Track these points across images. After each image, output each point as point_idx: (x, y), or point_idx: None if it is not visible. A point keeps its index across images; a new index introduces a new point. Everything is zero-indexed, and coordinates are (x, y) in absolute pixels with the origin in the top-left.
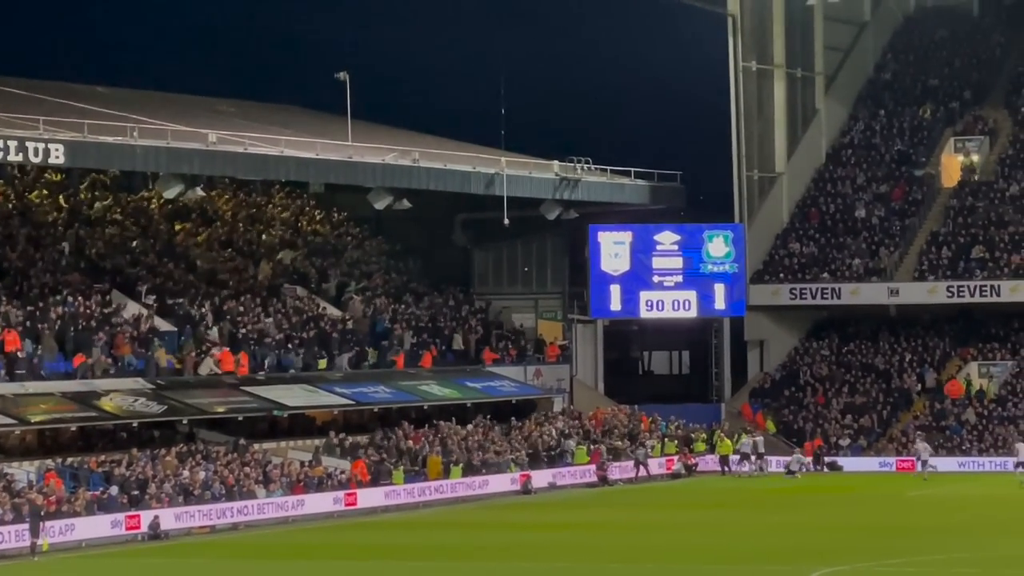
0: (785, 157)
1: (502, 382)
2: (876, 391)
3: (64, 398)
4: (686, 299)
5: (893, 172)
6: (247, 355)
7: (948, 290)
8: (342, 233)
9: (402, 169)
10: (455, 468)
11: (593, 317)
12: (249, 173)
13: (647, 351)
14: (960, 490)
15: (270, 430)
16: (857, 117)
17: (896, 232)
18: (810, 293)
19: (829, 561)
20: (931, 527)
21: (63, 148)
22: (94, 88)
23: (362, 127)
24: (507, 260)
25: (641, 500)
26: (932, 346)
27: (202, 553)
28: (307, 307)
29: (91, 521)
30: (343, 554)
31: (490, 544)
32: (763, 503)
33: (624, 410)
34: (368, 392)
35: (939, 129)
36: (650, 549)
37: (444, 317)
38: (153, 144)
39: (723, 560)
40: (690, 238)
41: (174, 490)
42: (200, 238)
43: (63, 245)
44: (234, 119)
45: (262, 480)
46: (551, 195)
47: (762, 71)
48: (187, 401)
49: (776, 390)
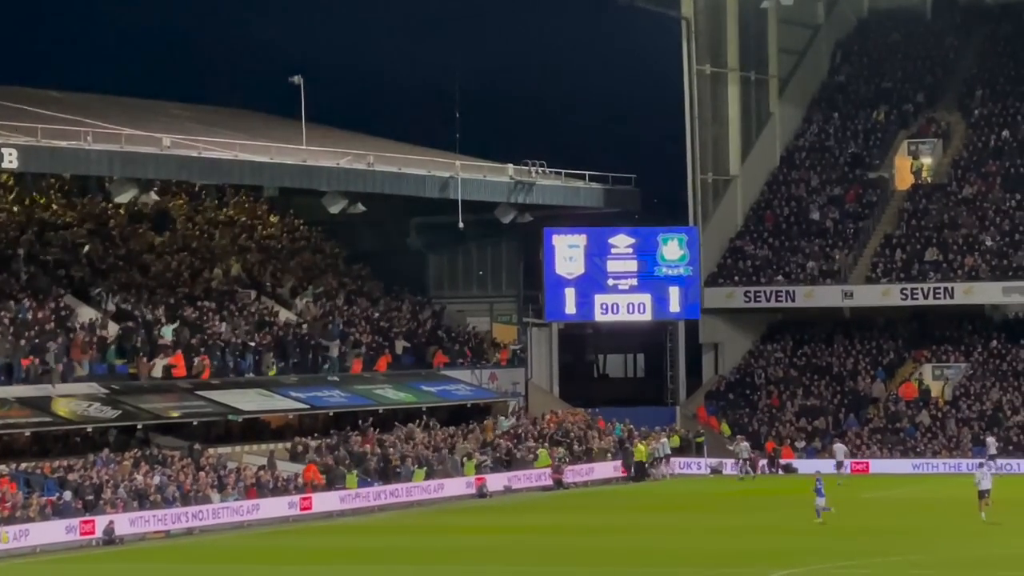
0: (739, 160)
1: (457, 386)
2: (830, 393)
3: (18, 403)
4: (641, 302)
5: (847, 175)
6: (208, 359)
7: (902, 292)
8: (297, 237)
9: (357, 173)
10: (418, 471)
11: (548, 320)
12: (203, 177)
13: (602, 354)
14: (915, 492)
15: (225, 434)
16: (811, 120)
17: (850, 234)
18: (764, 296)
19: (786, 563)
20: (886, 529)
21: (16, 152)
22: (48, 92)
23: (317, 131)
24: (462, 264)
25: (597, 503)
26: (886, 348)
27: (157, 558)
28: (261, 311)
29: (45, 527)
30: (299, 559)
31: (446, 548)
32: (719, 506)
33: (580, 413)
34: (323, 396)
35: (892, 132)
36: (607, 552)
37: (399, 321)
38: (107, 148)
39: (680, 563)
40: (645, 241)
41: (129, 495)
42: (155, 242)
43: (18, 250)
44: (188, 123)
45: (217, 485)
46: (506, 199)
47: (716, 74)
48: (141, 406)
49: (731, 393)
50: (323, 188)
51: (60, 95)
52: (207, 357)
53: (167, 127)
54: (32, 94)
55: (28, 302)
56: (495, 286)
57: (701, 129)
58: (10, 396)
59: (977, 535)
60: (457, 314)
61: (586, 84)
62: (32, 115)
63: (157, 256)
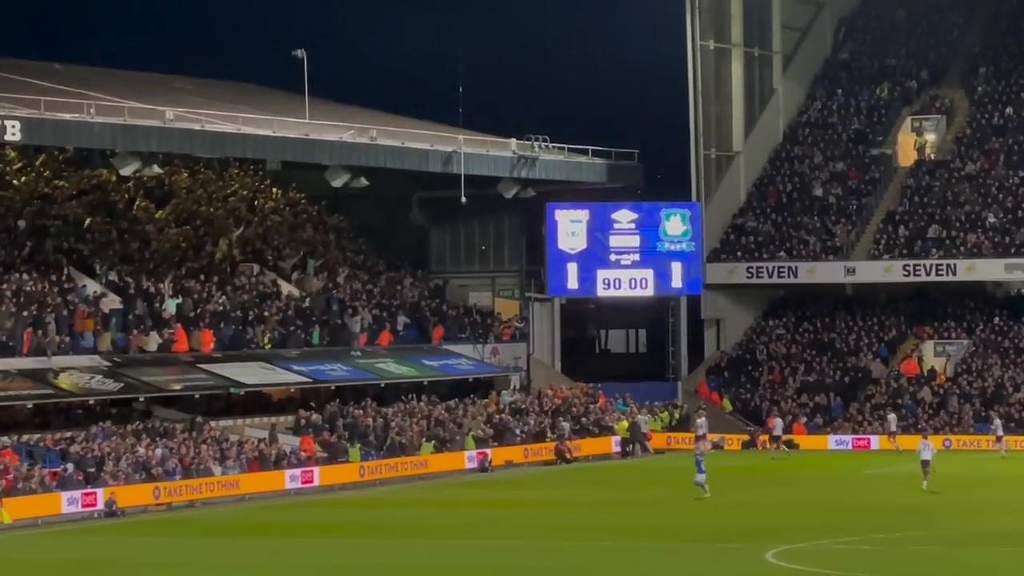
0: (742, 136)
1: (459, 360)
2: (832, 370)
3: (19, 375)
4: (643, 277)
5: (850, 151)
6: (210, 333)
7: (904, 269)
8: (299, 211)
9: (359, 147)
10: (425, 444)
11: (550, 295)
12: (206, 151)
13: (604, 329)
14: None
15: (226, 407)
16: (814, 96)
17: (853, 211)
18: (767, 272)
19: (786, 539)
20: (887, 505)
21: (19, 125)
22: (51, 65)
23: (319, 105)
24: (464, 238)
25: (598, 478)
26: (888, 325)
27: (159, 530)
28: (264, 285)
29: (47, 499)
30: (301, 532)
31: (448, 522)
32: (720, 482)
33: (583, 388)
34: (325, 370)
35: (896, 109)
36: (607, 527)
37: (401, 295)
38: (110, 121)
39: (680, 538)
40: (647, 217)
41: (130, 468)
42: (157, 215)
43: (19, 223)
44: (191, 96)
45: (218, 457)
46: (508, 173)
47: (720, 50)
48: (143, 379)
49: (732, 369)
50: (326, 162)
51: (63, 68)
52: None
53: (170, 100)
54: (35, 67)
55: (30, 275)
56: (497, 261)
57: (704, 105)
58: (12, 368)
59: (978, 512)
60: (459, 289)
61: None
62: (35, 88)
63: (159, 229)
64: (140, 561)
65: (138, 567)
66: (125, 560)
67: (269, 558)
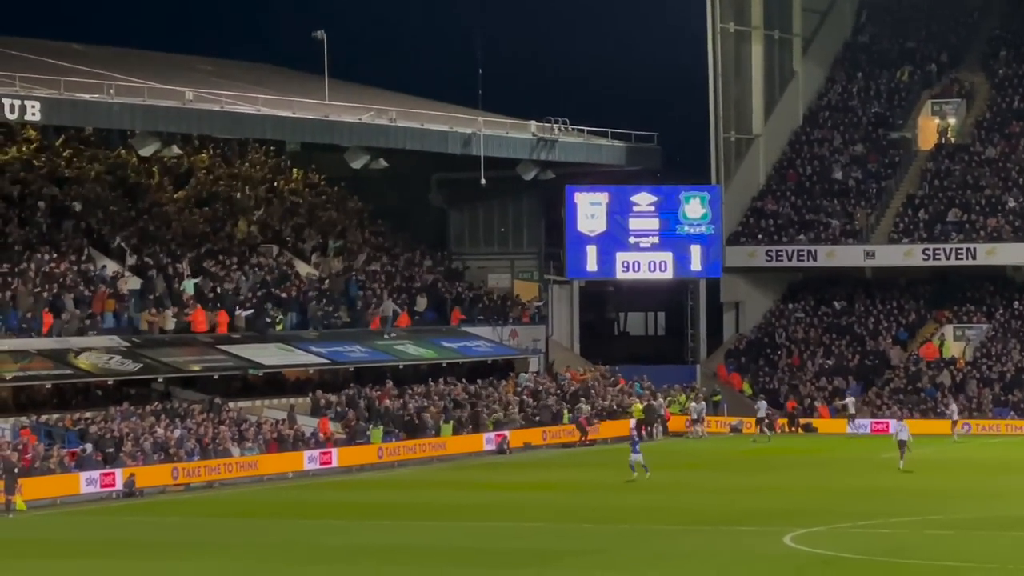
0: (762, 119)
1: (478, 342)
2: (851, 353)
3: (39, 355)
4: (662, 260)
5: (870, 134)
6: (226, 313)
7: (924, 253)
8: (318, 192)
9: (379, 128)
10: (445, 426)
11: (569, 278)
12: (225, 131)
13: (623, 312)
14: (934, 453)
15: (245, 388)
16: (834, 79)
17: (872, 194)
18: (786, 255)
19: (804, 523)
20: (905, 489)
21: (39, 105)
22: (70, 45)
23: (339, 86)
24: (483, 220)
25: (616, 460)
26: (908, 309)
27: (177, 511)
28: (283, 266)
29: (66, 479)
30: (319, 513)
31: (466, 503)
32: (738, 465)
33: (601, 370)
34: (343, 352)
35: (916, 92)
36: (625, 509)
37: (420, 277)
38: (129, 101)
39: (698, 521)
40: (667, 199)
41: (149, 448)
42: (177, 196)
43: (39, 203)
44: (211, 77)
45: (237, 438)
46: (528, 155)
47: (740, 33)
48: (162, 359)
49: (751, 352)
50: (345, 143)
51: (83, 48)
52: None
53: (190, 81)
54: (55, 47)
55: (50, 255)
56: (516, 243)
57: (724, 87)
58: (31, 348)
59: (996, 496)
60: (478, 271)
61: (609, 41)
62: (55, 68)
63: (178, 210)
64: (158, 541)
65: (156, 547)
66: (143, 540)
67: (287, 538)
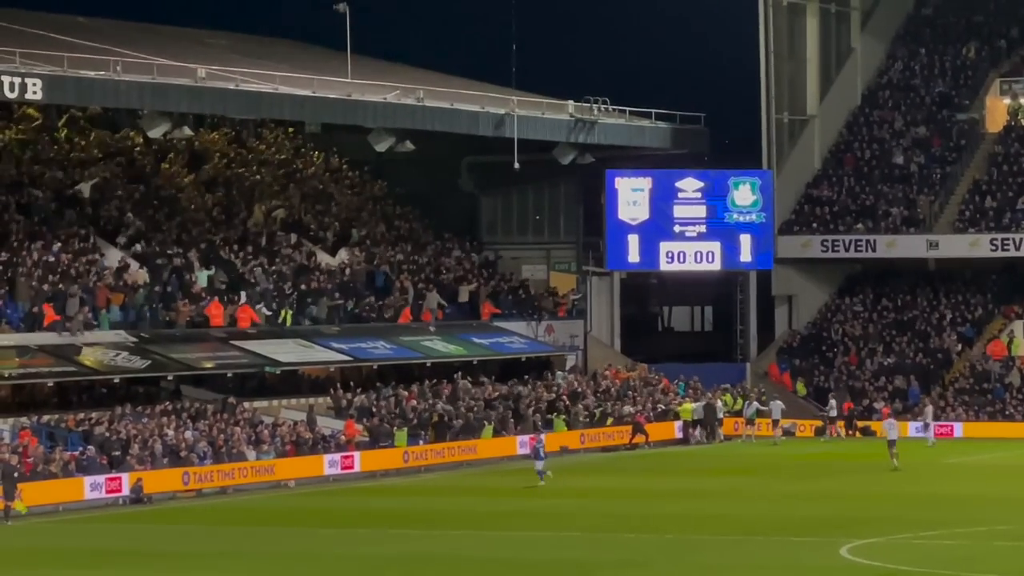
0: (817, 99)
1: (511, 338)
2: (913, 351)
3: (41, 351)
4: (709, 251)
5: (934, 116)
6: (250, 308)
7: (992, 243)
8: (340, 177)
9: (405, 108)
10: (487, 427)
11: (609, 269)
12: (241, 111)
13: (667, 306)
14: (1002, 458)
15: (261, 387)
16: (895, 56)
17: (936, 180)
18: (843, 245)
19: (861, 533)
20: (970, 497)
21: (41, 83)
22: (75, 19)
23: (363, 63)
24: (517, 207)
25: (660, 466)
26: (974, 303)
27: (188, 518)
28: (302, 256)
29: (69, 484)
30: (340, 521)
31: (497, 511)
32: (790, 470)
33: (643, 371)
34: (367, 348)
35: (984, 70)
36: (669, 517)
37: (449, 268)
38: (137, 79)
39: (747, 531)
40: (714, 185)
41: (158, 451)
42: (187, 180)
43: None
44: (225, 53)
45: (252, 441)
46: (565, 138)
47: (794, 6)
48: (172, 356)
49: (805, 349)
50: (369, 124)
51: (88, 21)
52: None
53: (202, 57)
54: (58, 20)
55: (53, 244)
56: (553, 232)
57: (777, 65)
58: (32, 344)
59: None
60: (512, 261)
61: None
62: (58, 43)
63: (190, 197)
64: (168, 551)
65: (166, 557)
66: (152, 550)
67: (306, 548)
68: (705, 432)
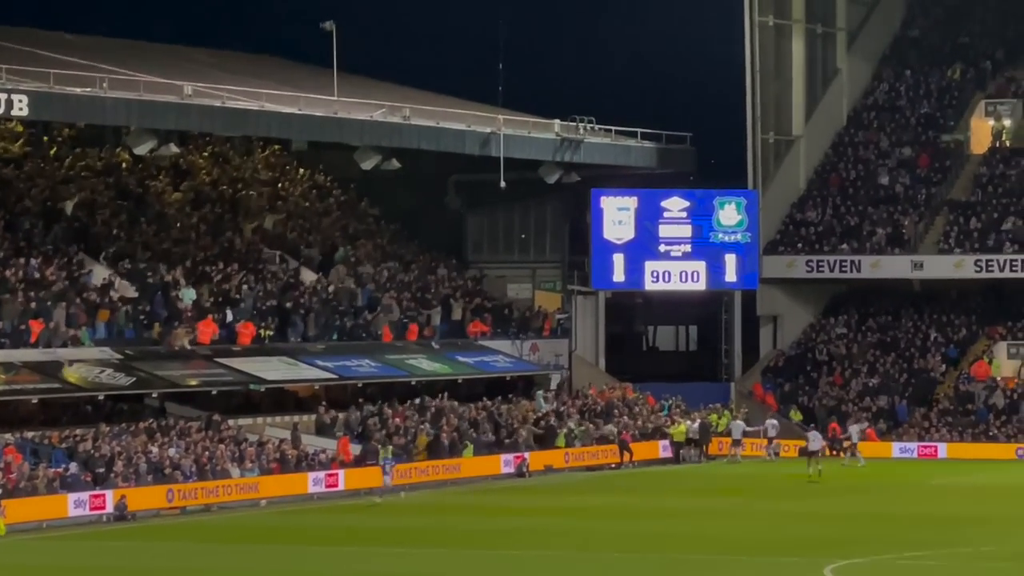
0: (803, 119)
1: (496, 357)
2: (897, 372)
3: (25, 368)
4: (694, 270)
5: (919, 137)
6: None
7: (976, 264)
8: (326, 195)
9: (391, 126)
10: (468, 447)
11: (594, 288)
12: (227, 129)
13: (652, 326)
14: (986, 479)
15: (246, 405)
16: (881, 77)
17: (921, 201)
18: (828, 266)
19: (846, 553)
20: (956, 518)
21: (27, 99)
22: (61, 35)
23: (349, 81)
24: (503, 226)
25: (645, 485)
26: (958, 324)
27: (172, 536)
28: (287, 274)
29: (52, 500)
30: (324, 539)
31: (481, 529)
32: (776, 490)
33: (628, 390)
34: (352, 366)
35: (969, 91)
36: (654, 537)
37: (434, 286)
38: (124, 96)
39: (732, 550)
40: (700, 205)
41: (143, 468)
42: (174, 198)
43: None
44: (211, 70)
45: (236, 458)
46: (551, 157)
47: (780, 26)
48: (157, 373)
49: (790, 370)
50: (355, 142)
51: (74, 38)
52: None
53: (189, 74)
54: (44, 37)
55: (38, 261)
56: (538, 251)
57: (762, 85)
58: (17, 360)
59: None
60: (497, 280)
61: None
62: (44, 59)
63: (176, 214)
64: (152, 568)
65: (150, 574)
66: (136, 567)
67: (290, 566)
68: (700, 451)
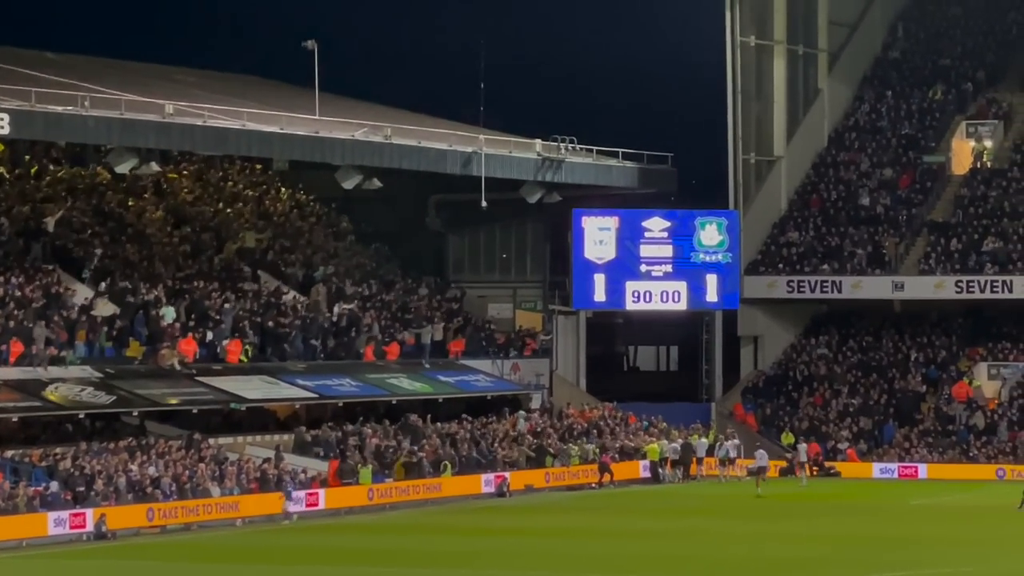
0: (784, 140)
1: (477, 376)
2: (878, 392)
3: (6, 387)
4: (675, 290)
5: (900, 157)
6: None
7: (957, 285)
8: (307, 214)
9: (373, 146)
10: (447, 467)
11: (575, 308)
12: (208, 148)
13: (633, 345)
14: (967, 500)
15: (226, 424)
16: (862, 98)
17: (902, 222)
18: (809, 286)
19: (828, 574)
20: (935, 538)
21: (8, 118)
22: (43, 54)
23: (330, 100)
24: (484, 246)
25: (625, 505)
26: (939, 345)
27: (152, 555)
28: (268, 293)
29: (32, 519)
30: (304, 558)
31: (462, 550)
32: (755, 511)
33: (609, 408)
34: (332, 385)
35: (950, 112)
36: (633, 558)
37: (415, 306)
38: (105, 115)
39: (712, 571)
40: (681, 225)
41: (122, 487)
42: (155, 216)
43: (3, 222)
44: (193, 89)
45: (217, 477)
46: (532, 176)
47: (761, 47)
48: (137, 392)
49: (770, 390)
50: (336, 162)
51: (56, 57)
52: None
53: (170, 93)
54: (25, 55)
55: (19, 279)
56: (519, 270)
57: (744, 106)
58: None
59: None
60: (478, 299)
61: (621, 55)
62: (25, 78)
63: (157, 232)
64: None
65: None
66: None
67: None
68: (681, 472)
